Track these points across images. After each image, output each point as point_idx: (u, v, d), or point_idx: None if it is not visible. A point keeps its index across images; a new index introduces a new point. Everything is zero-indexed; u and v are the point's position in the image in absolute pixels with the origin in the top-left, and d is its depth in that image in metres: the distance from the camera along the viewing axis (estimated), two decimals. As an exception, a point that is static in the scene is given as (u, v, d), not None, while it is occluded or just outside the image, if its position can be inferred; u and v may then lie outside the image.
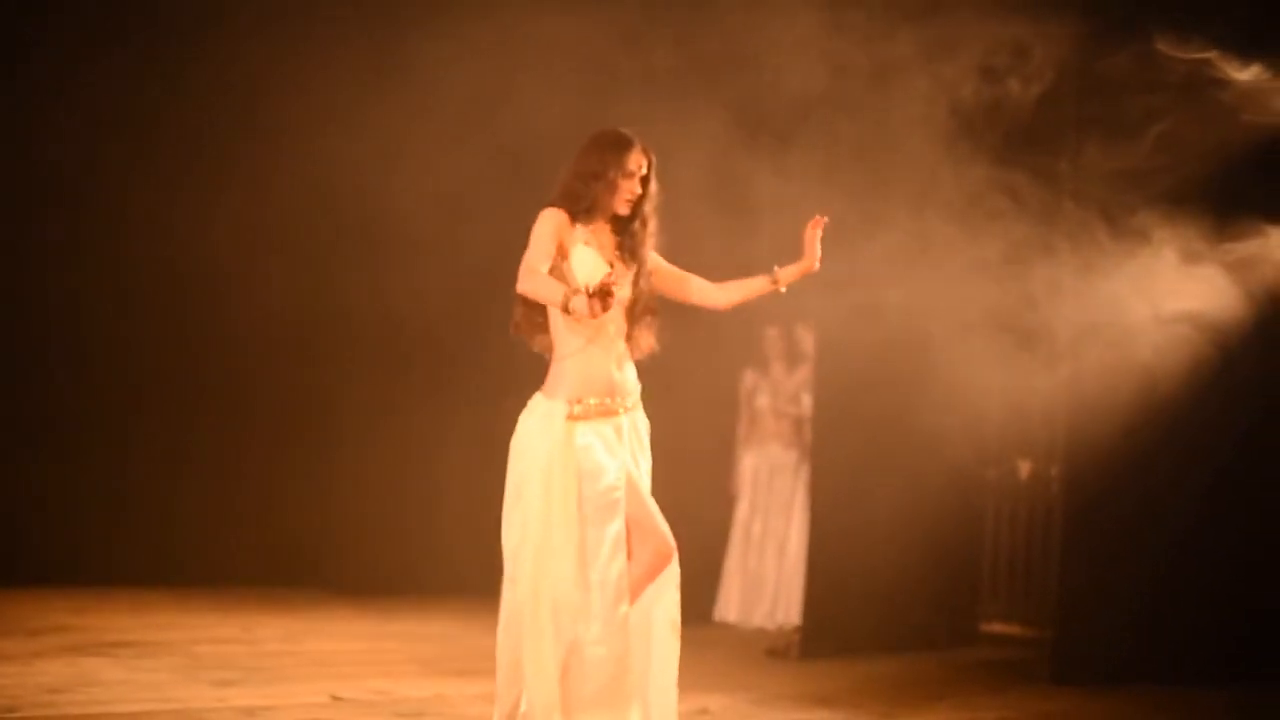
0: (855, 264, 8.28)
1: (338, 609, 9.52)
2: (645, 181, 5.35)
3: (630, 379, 5.40)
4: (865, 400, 8.68)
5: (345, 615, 9.22)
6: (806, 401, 9.83)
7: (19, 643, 7.28)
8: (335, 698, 6.16)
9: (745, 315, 9.64)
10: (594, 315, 4.96)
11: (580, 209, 5.29)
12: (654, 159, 5.37)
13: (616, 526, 5.23)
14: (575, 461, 5.23)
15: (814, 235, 5.48)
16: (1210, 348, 7.89)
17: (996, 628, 9.73)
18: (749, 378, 10.32)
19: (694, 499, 9.89)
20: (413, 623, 9.08)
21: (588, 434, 5.24)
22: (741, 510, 10.30)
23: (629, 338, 5.43)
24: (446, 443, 10.58)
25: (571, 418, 5.24)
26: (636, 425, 5.43)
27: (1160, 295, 7.88)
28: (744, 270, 5.68)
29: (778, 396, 10.19)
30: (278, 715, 5.71)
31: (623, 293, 5.32)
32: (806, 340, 9.89)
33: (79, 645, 7.30)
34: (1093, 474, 8.07)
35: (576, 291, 5.00)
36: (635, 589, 5.28)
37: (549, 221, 5.25)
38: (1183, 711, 7.27)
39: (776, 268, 5.49)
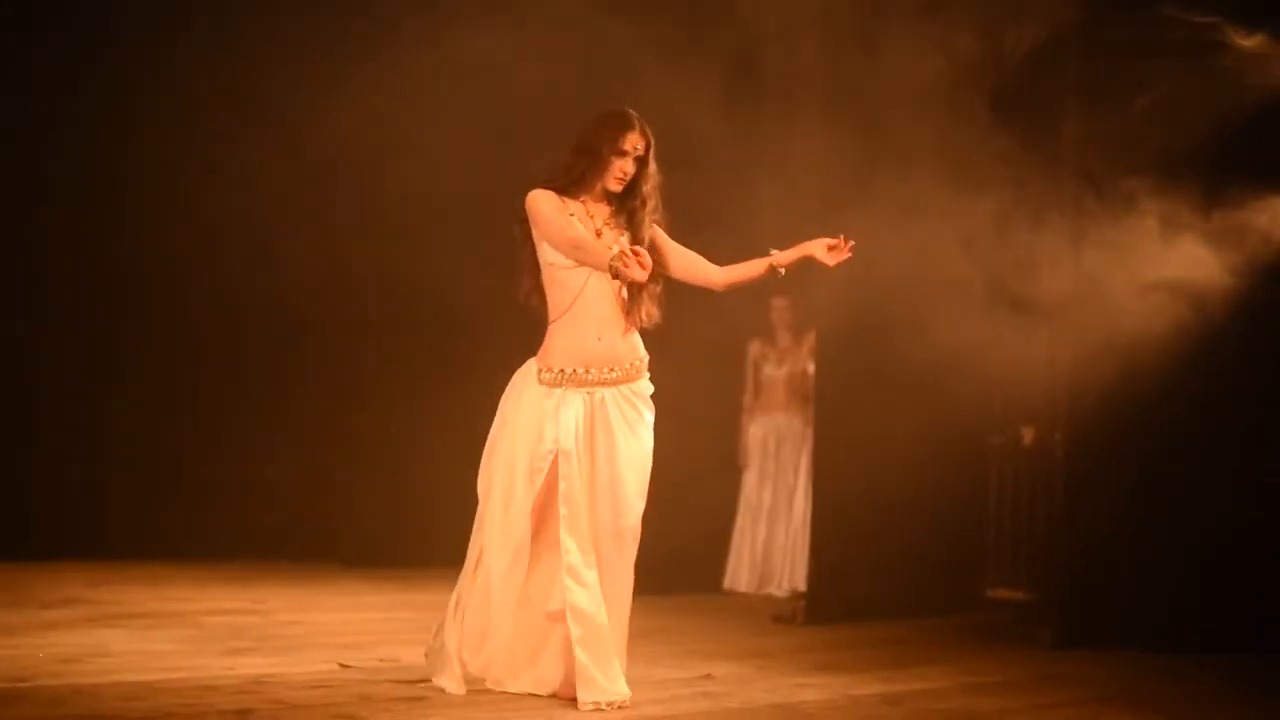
0: (854, 230, 8.33)
1: (348, 582, 9.58)
2: (642, 162, 5.48)
3: (616, 350, 5.56)
4: (867, 368, 8.73)
5: (355, 588, 9.29)
6: (811, 367, 9.89)
7: (31, 615, 7.35)
8: (343, 665, 6.22)
9: (751, 285, 9.71)
10: (641, 270, 5.20)
11: (569, 180, 5.49)
12: (652, 140, 5.50)
13: (528, 493, 5.58)
14: (537, 423, 5.53)
15: (833, 251, 5.68)
16: (1213, 314, 7.91)
17: (999, 593, 9.78)
18: (755, 347, 10.38)
19: (702, 469, 9.97)
20: (422, 594, 9.12)
21: (552, 399, 5.54)
22: (749, 479, 10.37)
23: (627, 310, 5.55)
24: (457, 416, 10.61)
25: (540, 382, 5.56)
26: (627, 398, 5.60)
27: (1162, 261, 7.90)
28: (734, 237, 5.79)
29: (784, 365, 10.25)
30: (285, 683, 5.77)
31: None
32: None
33: (91, 617, 7.37)
34: (1095, 440, 8.11)
35: (617, 256, 5.26)
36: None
37: (546, 200, 5.52)
38: (1184, 678, 7.30)
39: (774, 251, 5.64)
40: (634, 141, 5.53)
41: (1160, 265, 7.82)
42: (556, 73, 9.07)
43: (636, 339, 5.70)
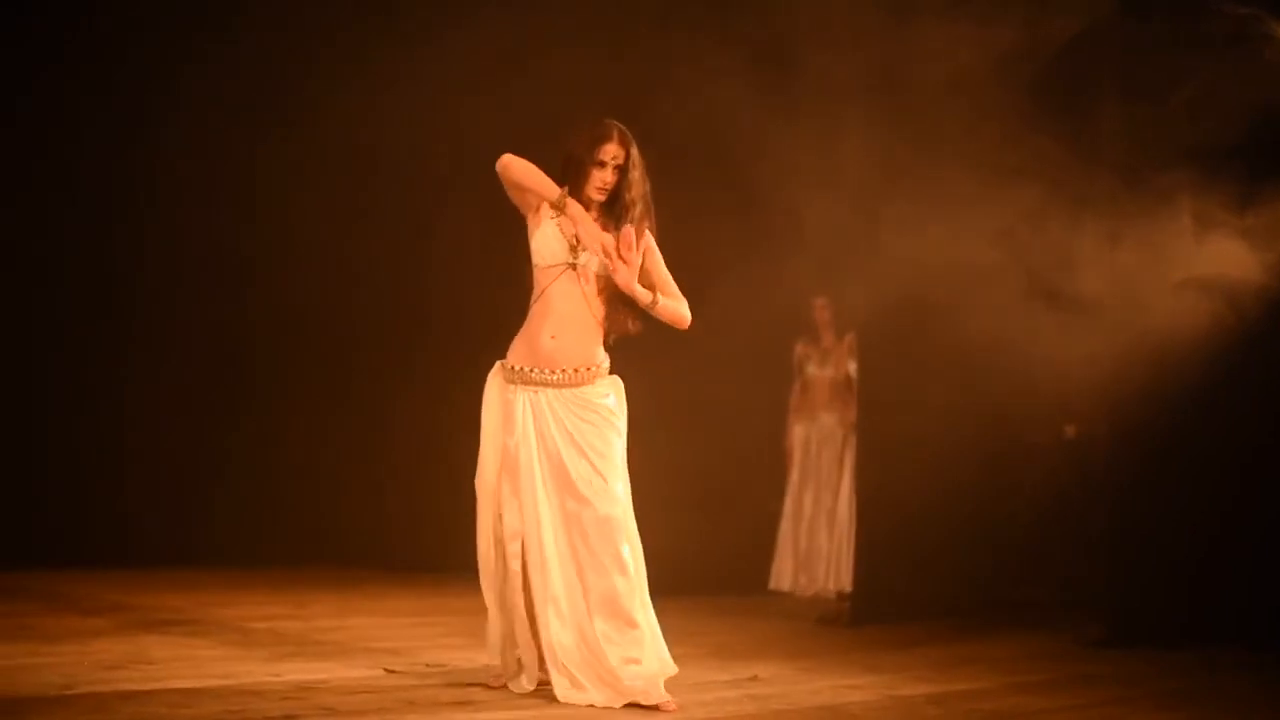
0: (896, 227, 8.32)
1: (389, 586, 9.59)
2: (623, 171, 5.71)
3: (566, 352, 5.73)
4: (910, 368, 8.70)
5: (397, 592, 9.30)
6: (852, 367, 9.89)
7: (76, 622, 7.37)
8: (387, 670, 6.22)
9: (796, 286, 9.70)
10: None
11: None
12: (633, 150, 5.71)
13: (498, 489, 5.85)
14: (500, 420, 5.80)
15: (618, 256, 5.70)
16: (1251, 311, 7.87)
17: (1044, 592, 9.73)
18: (800, 347, 10.37)
19: (747, 470, 9.96)
20: (464, 598, 9.07)
21: (508, 394, 5.79)
22: (793, 480, 10.36)
23: (605, 317, 5.79)
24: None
25: (503, 377, 5.82)
26: (577, 401, 5.75)
27: (1206, 257, 7.86)
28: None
29: (827, 365, 10.23)
30: (330, 689, 5.77)
31: (586, 264, 5.73)
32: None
33: (134, 624, 7.39)
34: (1138, 437, 8.06)
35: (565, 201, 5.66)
36: None
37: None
38: (1231, 673, 7.26)
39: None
40: (611, 152, 5.70)
41: (1199, 262, 7.79)
42: (597, 72, 9.05)
43: (596, 346, 5.82)
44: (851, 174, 8.33)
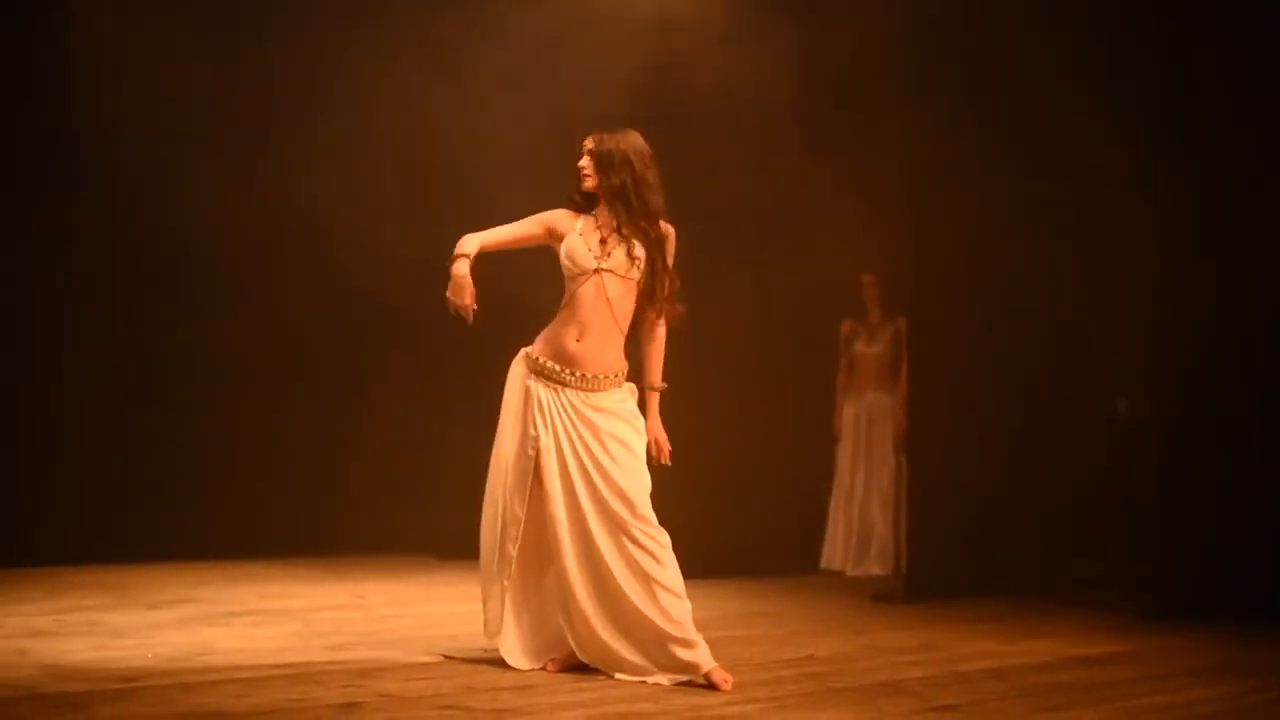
0: (944, 205, 8.30)
1: (446, 574, 9.63)
2: (596, 155, 5.97)
3: (589, 356, 5.93)
4: (960, 347, 8.68)
5: (452, 580, 9.33)
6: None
7: (139, 616, 7.43)
8: (446, 657, 6.26)
9: (848, 259, 9.69)
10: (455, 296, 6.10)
11: (576, 203, 6.05)
12: (605, 141, 5.96)
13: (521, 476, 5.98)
14: (520, 409, 6.00)
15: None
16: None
17: (1101, 566, 9.71)
18: (847, 325, 10.35)
19: (796, 450, 9.95)
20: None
21: (533, 386, 5.97)
22: (843, 459, 10.34)
23: (638, 319, 6.00)
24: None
25: (526, 366, 6.02)
26: (591, 405, 5.92)
27: (1253, 235, 7.82)
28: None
29: (874, 342, 10.21)
30: (390, 674, 5.81)
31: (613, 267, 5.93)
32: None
33: (197, 617, 7.45)
34: (1189, 411, 8.03)
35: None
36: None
37: (546, 213, 6.10)
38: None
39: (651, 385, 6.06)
40: (581, 145, 6.00)
41: (1251, 239, 7.76)
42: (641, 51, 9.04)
43: (618, 353, 6.00)
44: (895, 143, 8.35)
